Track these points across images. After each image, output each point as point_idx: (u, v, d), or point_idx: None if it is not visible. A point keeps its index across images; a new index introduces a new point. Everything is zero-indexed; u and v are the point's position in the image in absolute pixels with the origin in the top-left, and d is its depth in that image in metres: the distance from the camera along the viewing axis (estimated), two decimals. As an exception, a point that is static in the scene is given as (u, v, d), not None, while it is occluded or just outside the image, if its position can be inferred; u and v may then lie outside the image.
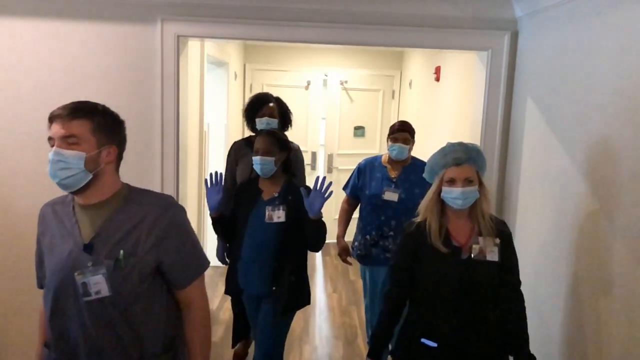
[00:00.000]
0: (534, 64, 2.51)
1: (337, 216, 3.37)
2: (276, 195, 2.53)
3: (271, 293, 2.50)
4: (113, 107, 2.66)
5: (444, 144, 1.97)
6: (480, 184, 1.91)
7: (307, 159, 6.22)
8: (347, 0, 2.64)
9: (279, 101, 3.27)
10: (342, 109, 6.16)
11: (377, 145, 6.26)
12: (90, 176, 1.47)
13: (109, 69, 2.68)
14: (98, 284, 1.45)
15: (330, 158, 6.15)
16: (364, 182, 3.10)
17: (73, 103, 1.52)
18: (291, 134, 3.24)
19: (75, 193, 1.50)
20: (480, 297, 1.88)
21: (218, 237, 2.93)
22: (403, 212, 2.90)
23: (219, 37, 2.74)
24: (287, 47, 6.03)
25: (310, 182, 2.69)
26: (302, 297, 2.62)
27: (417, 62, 5.43)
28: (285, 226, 2.49)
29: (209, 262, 1.65)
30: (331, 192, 2.38)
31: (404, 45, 2.83)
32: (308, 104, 6.19)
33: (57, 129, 1.50)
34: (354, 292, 4.67)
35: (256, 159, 2.50)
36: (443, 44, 2.73)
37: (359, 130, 6.19)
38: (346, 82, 6.12)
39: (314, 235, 2.46)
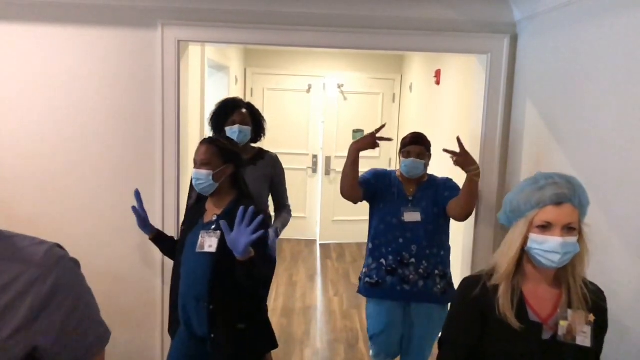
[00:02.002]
0: (533, 67, 2.52)
1: (336, 217, 3.24)
2: (214, 218, 2.09)
3: (209, 340, 2.05)
4: (114, 112, 2.71)
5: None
6: (580, 234, 1.40)
7: (308, 162, 6.25)
8: (347, 4, 2.65)
9: (251, 107, 2.87)
10: (342, 112, 6.18)
11: (377, 149, 6.28)
12: None
13: (110, 74, 2.69)
14: None
15: (328, 160, 6.19)
16: (378, 190, 2.62)
17: None
18: (292, 137, 3.15)
19: None
20: None
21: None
22: (424, 236, 2.53)
23: (220, 41, 2.75)
24: (288, 51, 6.06)
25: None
26: (258, 346, 2.15)
27: (418, 66, 5.44)
28: (217, 258, 2.00)
29: (109, 332, 1.14)
30: (263, 232, 1.80)
31: (404, 48, 2.83)
32: (309, 107, 6.22)
33: None
34: (356, 296, 4.67)
35: (193, 172, 2.11)
36: (443, 47, 2.74)
37: (358, 133, 6.20)
38: (347, 85, 6.14)
39: (243, 279, 1.92)
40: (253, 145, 2.92)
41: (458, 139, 2.44)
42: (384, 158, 6.27)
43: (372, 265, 2.60)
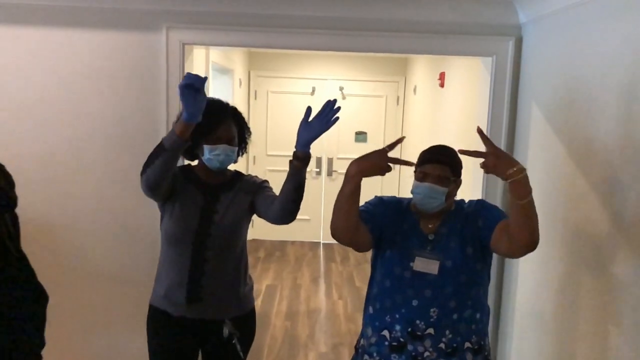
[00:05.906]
0: (538, 70, 2.51)
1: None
2: None
3: None
4: (118, 115, 2.72)
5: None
6: None
7: (312, 165, 6.25)
8: (351, 7, 2.65)
9: (236, 114, 2.05)
10: (346, 114, 6.18)
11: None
12: None
13: (114, 77, 2.70)
14: None
15: (330, 162, 6.22)
16: (385, 228, 1.77)
17: None
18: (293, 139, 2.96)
19: None
20: None
21: None
22: (453, 293, 1.69)
23: (224, 44, 2.76)
24: (292, 54, 6.07)
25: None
26: None
27: (422, 68, 5.44)
28: None
29: None
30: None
31: (408, 51, 2.83)
32: (314, 110, 6.23)
33: None
34: (360, 299, 4.66)
35: None
36: (447, 49, 2.73)
37: (361, 136, 6.21)
38: (350, 88, 6.16)
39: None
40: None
41: (480, 131, 1.67)
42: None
43: (372, 339, 1.79)
